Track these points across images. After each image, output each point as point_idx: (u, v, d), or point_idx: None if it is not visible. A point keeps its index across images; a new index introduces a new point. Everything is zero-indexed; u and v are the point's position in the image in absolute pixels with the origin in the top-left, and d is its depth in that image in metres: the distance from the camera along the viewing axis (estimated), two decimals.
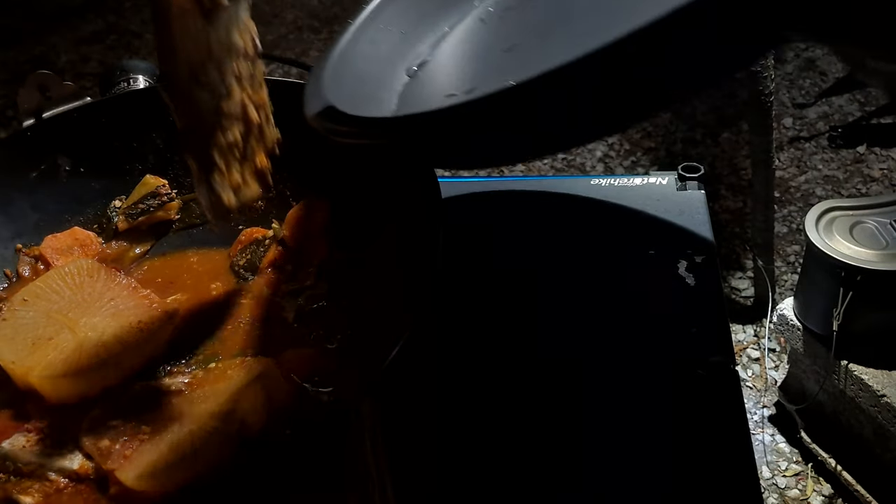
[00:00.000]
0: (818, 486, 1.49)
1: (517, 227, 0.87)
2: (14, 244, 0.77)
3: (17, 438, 0.61)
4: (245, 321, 0.72)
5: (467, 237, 0.83)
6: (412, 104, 0.68)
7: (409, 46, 0.76)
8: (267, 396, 0.59)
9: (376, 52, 0.74)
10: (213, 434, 0.56)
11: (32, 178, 0.79)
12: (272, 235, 0.78)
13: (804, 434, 1.53)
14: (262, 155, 0.65)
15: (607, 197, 0.88)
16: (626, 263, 0.80)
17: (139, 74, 0.84)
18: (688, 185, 0.88)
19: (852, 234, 1.30)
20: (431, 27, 0.78)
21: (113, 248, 0.80)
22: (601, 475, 0.70)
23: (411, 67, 0.75)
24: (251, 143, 0.63)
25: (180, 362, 0.67)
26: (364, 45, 0.73)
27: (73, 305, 0.69)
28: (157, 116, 0.81)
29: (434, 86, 0.71)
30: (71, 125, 0.79)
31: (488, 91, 0.48)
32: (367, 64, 0.72)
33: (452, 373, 0.72)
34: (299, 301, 0.74)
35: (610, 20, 0.52)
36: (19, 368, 0.63)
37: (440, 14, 0.79)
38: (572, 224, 0.86)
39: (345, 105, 0.60)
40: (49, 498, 0.58)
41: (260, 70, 0.63)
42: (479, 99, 0.49)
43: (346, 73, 0.69)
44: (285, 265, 0.75)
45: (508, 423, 0.69)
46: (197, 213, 0.82)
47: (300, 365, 0.66)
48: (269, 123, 0.65)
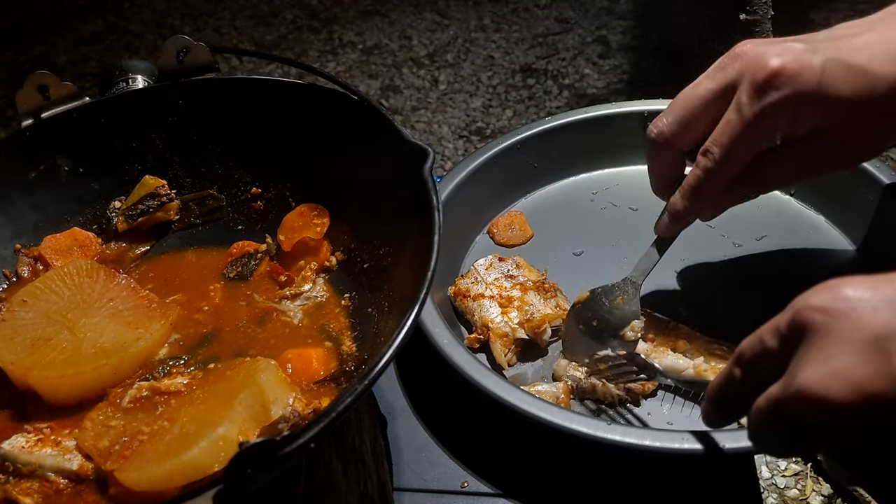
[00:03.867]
0: (817, 486, 1.49)
1: None
2: (13, 244, 0.77)
3: (17, 439, 0.61)
4: (245, 321, 0.72)
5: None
6: None
7: None
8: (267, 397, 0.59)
9: None
10: (213, 435, 0.56)
11: (32, 178, 0.78)
12: (265, 250, 0.78)
13: None
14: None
15: None
16: None
17: (138, 74, 0.83)
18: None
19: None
20: None
21: (112, 249, 0.80)
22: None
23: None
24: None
25: (180, 362, 0.67)
26: None
27: (72, 306, 0.69)
28: (157, 116, 0.81)
29: None
30: (71, 125, 0.79)
31: None
32: None
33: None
34: (299, 302, 0.74)
35: None
36: (19, 369, 0.63)
37: None
38: None
39: None
40: (49, 498, 0.58)
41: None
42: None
43: None
44: (278, 277, 0.75)
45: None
46: (196, 213, 0.82)
47: (300, 365, 0.67)
48: None
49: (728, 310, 0.79)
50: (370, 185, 0.73)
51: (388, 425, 0.76)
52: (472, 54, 2.90)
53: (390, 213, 0.68)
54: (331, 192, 0.77)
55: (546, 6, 3.12)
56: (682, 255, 0.85)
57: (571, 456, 0.70)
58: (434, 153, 0.62)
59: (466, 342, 0.79)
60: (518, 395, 0.67)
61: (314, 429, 0.44)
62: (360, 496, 0.61)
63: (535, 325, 0.77)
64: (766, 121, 0.62)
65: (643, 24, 2.97)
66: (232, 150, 0.81)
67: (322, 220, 0.76)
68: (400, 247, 0.67)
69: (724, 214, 0.72)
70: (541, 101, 2.64)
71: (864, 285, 0.44)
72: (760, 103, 0.61)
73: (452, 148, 2.47)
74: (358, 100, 0.72)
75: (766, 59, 0.61)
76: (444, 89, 2.73)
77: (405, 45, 2.97)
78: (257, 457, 0.41)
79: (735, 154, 0.64)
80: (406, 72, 2.83)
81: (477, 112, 2.62)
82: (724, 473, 0.70)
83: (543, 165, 0.98)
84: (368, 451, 0.64)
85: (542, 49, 2.88)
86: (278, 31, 3.07)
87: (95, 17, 3.24)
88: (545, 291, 0.81)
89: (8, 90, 2.77)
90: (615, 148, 0.99)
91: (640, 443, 0.62)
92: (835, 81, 0.60)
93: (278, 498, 0.50)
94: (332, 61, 2.90)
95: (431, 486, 0.70)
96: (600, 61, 2.79)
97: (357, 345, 0.69)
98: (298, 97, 0.77)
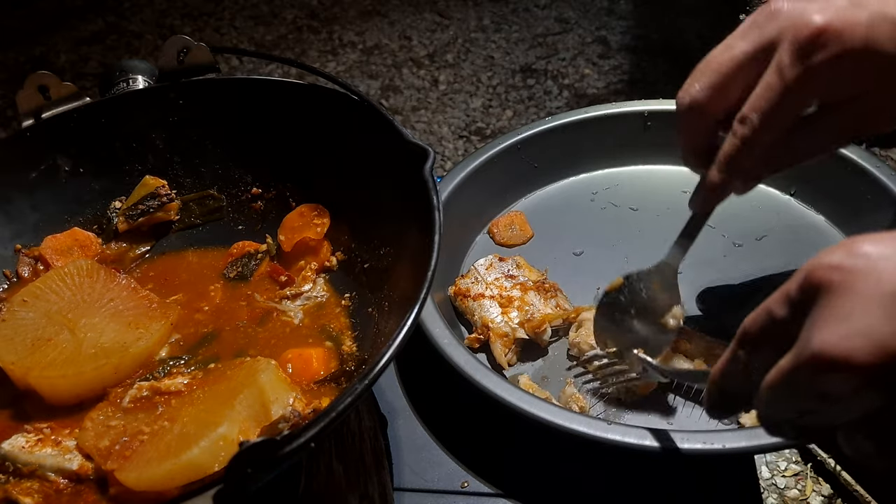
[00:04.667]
0: (817, 486, 1.49)
1: None
2: (14, 244, 0.77)
3: (17, 439, 0.61)
4: (245, 321, 0.72)
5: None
6: None
7: None
8: (267, 397, 0.59)
9: None
10: (213, 434, 0.56)
11: (32, 178, 0.78)
12: (265, 250, 0.78)
13: None
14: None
15: None
16: None
17: (139, 74, 0.83)
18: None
19: None
20: None
21: (113, 249, 0.80)
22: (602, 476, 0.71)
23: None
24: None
25: (180, 362, 0.67)
26: None
27: (72, 306, 0.69)
28: (157, 116, 0.81)
29: None
30: (71, 125, 0.79)
31: None
32: None
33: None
34: (299, 302, 0.74)
35: None
36: (19, 369, 0.63)
37: None
38: None
39: None
40: (49, 498, 0.58)
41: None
42: None
43: None
44: (278, 278, 0.75)
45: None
46: (196, 213, 0.82)
47: (300, 365, 0.67)
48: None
49: (728, 310, 0.79)
50: (370, 185, 0.73)
51: (388, 425, 0.76)
52: (472, 54, 2.90)
53: (390, 213, 0.68)
54: (331, 192, 0.77)
55: (546, 6, 3.12)
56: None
57: (571, 456, 0.70)
58: (434, 153, 0.62)
59: (466, 342, 0.79)
60: (518, 395, 0.67)
61: (314, 429, 0.44)
62: (360, 496, 0.61)
63: (535, 325, 0.77)
64: (811, 83, 0.57)
65: (643, 24, 2.97)
66: (232, 150, 0.81)
67: (322, 221, 0.76)
68: (400, 247, 0.67)
69: (724, 214, 0.72)
70: (541, 101, 2.64)
71: (883, 242, 0.41)
72: (804, 64, 0.56)
73: (452, 148, 2.47)
74: (358, 100, 0.72)
75: (809, 16, 0.56)
76: (444, 89, 2.73)
77: (405, 45, 2.98)
78: (257, 456, 0.41)
79: (775, 120, 0.59)
80: (406, 72, 2.83)
81: (477, 112, 2.62)
82: (724, 473, 0.70)
83: (543, 165, 0.98)
84: (368, 451, 0.64)
85: (542, 49, 2.88)
86: (278, 31, 3.07)
87: (95, 17, 3.24)
88: (545, 291, 0.81)
89: (8, 90, 2.77)
90: (615, 148, 0.99)
91: (640, 443, 0.62)
92: (882, 37, 0.55)
93: (278, 498, 0.50)
94: (332, 61, 2.90)
95: (431, 486, 0.71)
96: (600, 61, 2.79)
97: (357, 345, 0.69)
98: (298, 97, 0.77)
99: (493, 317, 0.79)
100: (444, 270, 0.85)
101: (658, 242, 0.90)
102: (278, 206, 0.80)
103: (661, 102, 0.97)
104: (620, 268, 0.85)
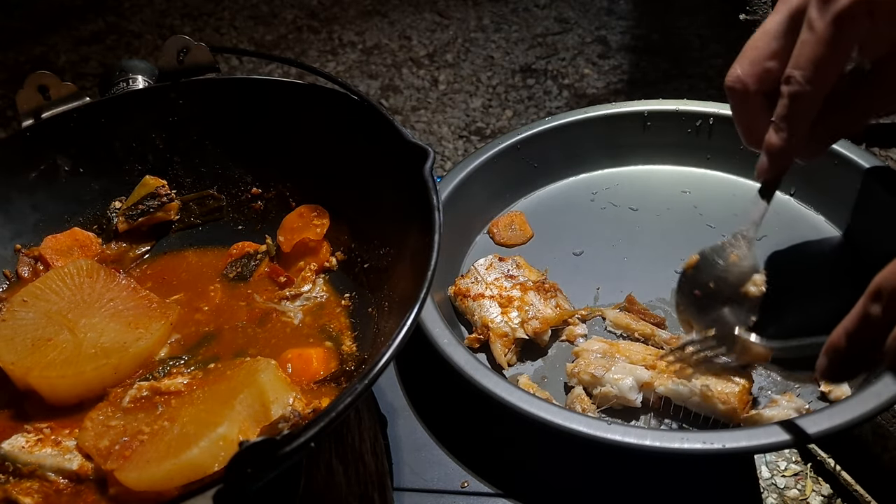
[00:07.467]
0: (817, 486, 1.49)
1: None
2: (14, 244, 0.77)
3: (17, 439, 0.61)
4: (245, 321, 0.72)
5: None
6: None
7: None
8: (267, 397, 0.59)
9: None
10: (213, 434, 0.56)
11: (32, 178, 0.78)
12: (265, 250, 0.78)
13: None
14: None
15: None
16: None
17: (138, 74, 0.83)
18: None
19: None
20: None
21: (113, 249, 0.80)
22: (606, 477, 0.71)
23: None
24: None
25: (180, 362, 0.67)
26: None
27: (72, 306, 0.69)
28: (157, 116, 0.81)
29: None
30: (71, 125, 0.79)
31: None
32: None
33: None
34: (299, 303, 0.74)
35: None
36: (19, 369, 0.63)
37: None
38: None
39: None
40: (49, 498, 0.58)
41: None
42: None
43: None
44: (278, 279, 0.75)
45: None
46: (196, 213, 0.82)
47: (300, 365, 0.67)
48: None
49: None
50: (370, 185, 0.73)
51: (388, 425, 0.76)
52: (472, 54, 2.90)
53: (390, 213, 0.68)
54: (331, 192, 0.77)
55: (546, 6, 3.12)
56: (681, 254, 0.85)
57: (571, 456, 0.70)
58: (434, 153, 0.62)
59: (466, 342, 0.79)
60: (518, 395, 0.67)
61: (314, 428, 0.44)
62: (360, 496, 0.61)
63: (539, 329, 0.77)
64: (843, 30, 0.58)
65: (643, 23, 2.97)
66: (232, 150, 0.82)
67: (322, 221, 0.76)
68: (400, 247, 0.67)
69: (724, 214, 0.72)
70: (541, 101, 2.64)
71: None
72: (831, 12, 0.58)
73: (452, 148, 2.47)
74: (358, 100, 0.72)
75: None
76: (443, 89, 2.73)
77: (405, 45, 2.98)
78: (257, 456, 0.41)
79: (818, 74, 0.60)
80: (406, 72, 2.83)
81: (477, 112, 2.62)
82: (724, 473, 0.70)
83: (543, 165, 0.98)
84: (368, 451, 0.64)
85: (542, 49, 2.88)
86: (278, 31, 3.07)
87: (95, 17, 3.24)
88: (545, 291, 0.81)
89: (8, 90, 2.77)
90: (615, 148, 0.99)
91: (640, 443, 0.62)
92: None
93: (278, 498, 0.50)
94: (332, 61, 2.90)
95: (431, 486, 0.71)
96: (600, 61, 2.79)
97: (357, 345, 0.69)
98: (298, 97, 0.77)
99: (493, 317, 0.79)
100: (443, 270, 0.85)
101: (658, 242, 0.90)
102: (278, 207, 0.80)
103: (660, 102, 0.97)
104: (620, 268, 0.86)
